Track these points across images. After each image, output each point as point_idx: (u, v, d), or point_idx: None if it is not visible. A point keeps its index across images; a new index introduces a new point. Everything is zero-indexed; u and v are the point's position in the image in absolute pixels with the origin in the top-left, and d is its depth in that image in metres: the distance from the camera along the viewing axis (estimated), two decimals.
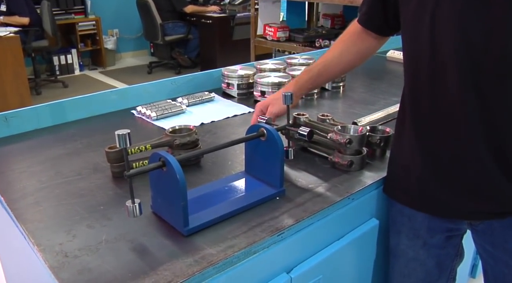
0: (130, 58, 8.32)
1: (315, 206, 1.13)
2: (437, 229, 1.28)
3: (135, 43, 8.36)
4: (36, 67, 6.46)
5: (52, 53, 6.95)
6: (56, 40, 6.34)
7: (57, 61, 7.14)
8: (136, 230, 1.03)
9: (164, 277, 0.87)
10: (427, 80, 1.10)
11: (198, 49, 7.45)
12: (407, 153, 1.22)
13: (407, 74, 1.19)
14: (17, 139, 1.56)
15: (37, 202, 1.16)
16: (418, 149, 1.18)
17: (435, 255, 1.32)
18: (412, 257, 1.33)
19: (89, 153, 1.44)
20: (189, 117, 1.75)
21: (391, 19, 1.28)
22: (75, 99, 1.71)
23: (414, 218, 1.28)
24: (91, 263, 0.92)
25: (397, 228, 1.34)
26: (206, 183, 1.24)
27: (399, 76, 2.43)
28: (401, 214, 1.31)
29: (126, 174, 0.91)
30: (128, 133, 0.90)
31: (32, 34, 6.05)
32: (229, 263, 0.94)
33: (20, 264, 1.35)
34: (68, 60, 7.28)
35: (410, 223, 1.29)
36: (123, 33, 8.10)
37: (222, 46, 7.05)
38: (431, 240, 1.29)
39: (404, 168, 1.24)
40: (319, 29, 4.53)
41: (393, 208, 1.34)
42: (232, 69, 2.04)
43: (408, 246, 1.33)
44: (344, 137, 1.28)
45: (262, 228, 1.03)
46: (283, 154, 1.15)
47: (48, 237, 1.01)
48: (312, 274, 1.15)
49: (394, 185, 1.30)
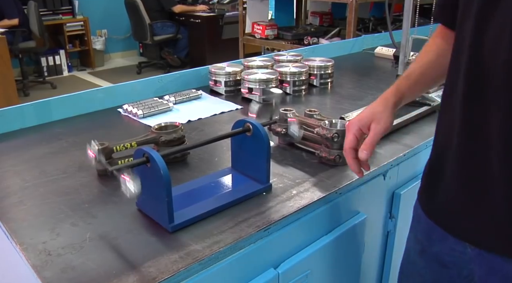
0: (119, 59, 8.29)
1: (302, 200, 1.12)
2: (437, 240, 1.12)
3: (124, 43, 8.33)
4: (24, 68, 6.43)
5: (40, 54, 6.92)
6: (43, 41, 6.31)
7: (45, 62, 7.11)
8: (121, 227, 1.02)
9: (149, 274, 0.86)
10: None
11: (187, 48, 7.45)
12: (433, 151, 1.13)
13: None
14: (2, 138, 1.54)
15: (21, 201, 1.14)
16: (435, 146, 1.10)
17: (434, 272, 1.16)
18: (412, 260, 1.22)
19: (75, 151, 1.42)
20: (176, 114, 1.74)
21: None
22: (61, 98, 1.69)
23: (420, 220, 1.16)
24: (74, 261, 0.91)
25: (411, 224, 1.23)
26: (192, 180, 1.23)
27: (387, 72, 2.45)
28: (416, 212, 1.20)
29: (109, 169, 0.90)
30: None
31: (19, 35, 6.02)
32: (215, 259, 0.94)
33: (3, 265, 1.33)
34: (56, 61, 7.25)
35: (418, 225, 1.19)
36: (111, 34, 8.08)
37: (211, 45, 7.06)
38: (430, 249, 1.14)
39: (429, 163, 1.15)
40: (307, 26, 4.54)
41: (415, 203, 1.22)
42: (219, 66, 2.03)
43: (411, 246, 1.22)
44: (331, 132, 1.27)
45: (249, 223, 1.03)
46: (269, 149, 1.14)
47: (31, 235, 1.00)
48: (299, 269, 1.14)
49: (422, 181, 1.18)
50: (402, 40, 1.75)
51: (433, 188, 1.10)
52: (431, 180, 1.12)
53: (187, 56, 7.49)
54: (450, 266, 1.12)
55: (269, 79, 1.88)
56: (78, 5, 7.38)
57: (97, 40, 7.69)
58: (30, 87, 6.44)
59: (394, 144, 1.47)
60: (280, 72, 1.97)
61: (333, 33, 4.27)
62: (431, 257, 1.15)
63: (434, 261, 1.15)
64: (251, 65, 2.08)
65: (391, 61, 2.62)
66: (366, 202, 1.35)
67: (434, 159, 1.12)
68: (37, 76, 7.06)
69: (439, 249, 1.12)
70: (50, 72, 7.16)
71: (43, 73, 7.06)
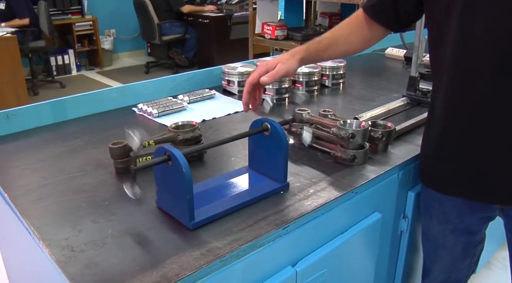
0: (127, 58, 8.31)
1: (319, 199, 1.13)
2: (468, 214, 1.32)
3: (132, 43, 8.34)
4: (33, 68, 6.44)
5: (49, 53, 6.93)
6: (53, 40, 6.33)
7: (54, 62, 7.12)
8: (142, 225, 1.03)
9: (172, 270, 0.88)
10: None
11: (195, 49, 7.44)
12: (438, 139, 1.27)
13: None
14: (18, 136, 1.56)
15: (41, 198, 1.16)
16: (451, 133, 1.22)
17: (463, 241, 1.38)
18: (441, 243, 1.39)
19: (91, 150, 1.44)
20: (191, 114, 1.75)
21: (402, 15, 1.32)
22: (76, 97, 1.71)
23: (445, 203, 1.33)
24: (97, 257, 0.92)
25: (429, 213, 1.39)
26: (209, 178, 1.24)
27: (398, 73, 2.45)
28: (433, 199, 1.36)
29: (133, 167, 0.91)
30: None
31: (29, 34, 6.03)
32: (235, 256, 0.95)
33: (24, 261, 1.35)
34: (65, 60, 7.26)
35: (441, 208, 1.34)
36: (120, 33, 8.09)
37: (219, 46, 7.05)
38: (461, 225, 1.34)
39: (435, 153, 1.29)
40: (317, 27, 4.54)
41: (425, 193, 1.40)
42: (233, 66, 2.04)
43: (438, 231, 1.39)
44: (347, 132, 1.28)
45: (267, 221, 1.04)
46: (287, 148, 1.15)
47: (53, 232, 1.01)
48: (317, 268, 1.16)
49: (425, 171, 1.36)
50: (415, 41, 1.75)
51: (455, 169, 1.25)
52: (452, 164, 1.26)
53: (195, 56, 7.49)
54: (476, 232, 1.37)
55: (282, 80, 1.88)
56: (87, 5, 7.39)
57: (105, 40, 7.70)
58: (39, 86, 6.46)
59: (407, 145, 1.48)
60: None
61: None
62: (461, 231, 1.35)
63: (464, 233, 1.36)
64: None
65: (402, 62, 2.62)
66: (381, 201, 1.36)
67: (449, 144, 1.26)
68: (46, 76, 7.07)
69: (469, 221, 1.33)
70: (59, 72, 7.17)
71: (52, 72, 7.07)
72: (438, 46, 1.20)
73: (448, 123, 1.23)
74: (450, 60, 1.15)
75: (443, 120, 1.24)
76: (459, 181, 1.26)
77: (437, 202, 1.35)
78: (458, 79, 1.15)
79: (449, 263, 1.42)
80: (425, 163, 1.36)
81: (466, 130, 1.19)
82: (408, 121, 1.59)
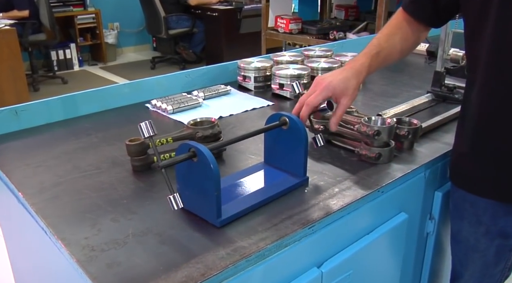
0: (132, 53, 8.35)
1: (345, 198, 1.15)
2: (502, 216, 1.31)
3: (137, 37, 8.38)
4: (33, 62, 6.47)
5: (50, 47, 6.97)
6: (54, 33, 6.35)
7: (55, 56, 7.17)
8: (164, 224, 1.05)
9: (197, 270, 0.90)
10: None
11: (203, 43, 7.47)
12: (470, 138, 1.28)
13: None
14: (28, 133, 1.58)
15: (57, 197, 1.18)
16: (487, 132, 1.23)
17: (496, 245, 1.36)
18: (473, 246, 1.38)
19: (106, 147, 1.46)
20: (207, 110, 1.78)
21: (441, 10, 1.34)
22: (87, 92, 1.73)
23: (477, 204, 1.33)
24: (119, 256, 0.95)
25: (460, 214, 1.39)
26: (227, 175, 1.26)
27: (420, 68, 2.46)
28: (463, 200, 1.36)
29: (160, 164, 0.93)
30: (150, 121, 0.96)
31: (29, 27, 6.05)
32: (261, 256, 0.97)
33: (36, 263, 1.37)
34: (67, 55, 7.31)
35: (473, 209, 1.34)
36: (124, 27, 8.13)
37: (228, 40, 7.07)
38: (494, 227, 1.33)
39: (469, 152, 1.30)
40: (332, 20, 4.55)
41: (455, 194, 1.40)
42: (248, 61, 2.06)
43: (470, 233, 1.38)
44: (372, 129, 1.30)
45: (293, 220, 1.06)
46: (307, 141, 1.17)
47: (71, 231, 1.04)
48: (342, 269, 1.17)
49: (456, 170, 1.37)
50: (441, 34, 1.76)
51: (490, 169, 1.26)
52: (487, 164, 1.27)
53: (203, 51, 7.52)
54: (511, 236, 1.34)
55: (301, 75, 1.90)
56: None
57: (109, 34, 7.74)
58: (40, 82, 6.50)
59: (434, 143, 1.50)
60: (311, 68, 2.00)
61: (360, 28, 4.28)
62: (495, 234, 1.34)
63: (498, 236, 1.34)
64: (280, 60, 2.11)
65: (424, 56, 2.63)
66: (407, 201, 1.38)
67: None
68: (46, 71, 7.12)
69: (504, 223, 1.32)
70: (60, 67, 7.22)
71: (53, 67, 7.12)
72: (474, 39, 1.21)
73: (484, 121, 1.23)
74: (487, 54, 1.16)
75: (479, 117, 1.24)
76: (495, 182, 1.26)
77: (468, 203, 1.35)
78: (496, 73, 1.16)
79: (480, 267, 1.41)
80: (457, 162, 1.36)
81: (504, 128, 1.20)
82: (434, 118, 1.60)
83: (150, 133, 0.97)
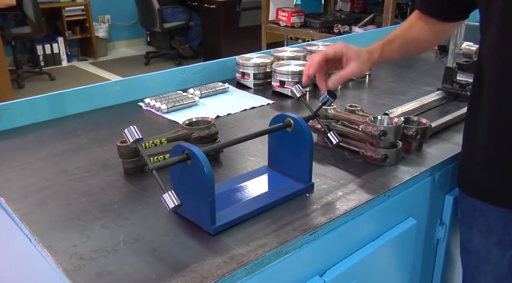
0: (124, 48, 8.35)
1: (349, 203, 1.16)
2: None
3: (129, 30, 8.39)
4: (17, 57, 6.45)
5: (36, 41, 6.95)
6: (39, 26, 6.32)
7: (41, 51, 7.16)
8: (157, 230, 1.06)
9: (192, 279, 0.90)
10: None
11: (200, 37, 7.48)
12: (482, 140, 1.26)
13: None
14: (12, 134, 1.59)
15: (43, 202, 1.18)
16: (498, 134, 1.22)
17: (510, 256, 1.32)
18: (484, 257, 1.36)
19: (96, 148, 1.47)
20: (203, 109, 1.78)
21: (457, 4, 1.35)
22: (75, 90, 1.74)
23: (487, 212, 1.31)
24: (109, 265, 0.95)
25: (469, 222, 1.37)
26: (227, 179, 1.27)
27: (430, 64, 2.47)
28: (472, 208, 1.34)
29: (150, 166, 0.94)
30: (134, 126, 0.99)
31: (12, 18, 5.99)
32: (260, 264, 0.97)
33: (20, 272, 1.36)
34: (54, 49, 7.30)
35: (483, 218, 1.32)
36: (116, 20, 8.13)
37: (227, 34, 7.08)
38: (507, 237, 1.30)
39: (478, 157, 1.28)
40: (337, 13, 4.56)
41: (464, 200, 1.38)
42: (247, 57, 2.06)
43: (481, 243, 1.36)
44: (378, 129, 1.30)
45: (293, 226, 1.06)
46: (312, 144, 1.17)
47: (58, 238, 1.04)
48: (346, 278, 1.18)
49: (465, 176, 1.35)
50: None
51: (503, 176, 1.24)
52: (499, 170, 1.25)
53: (200, 45, 7.52)
54: None
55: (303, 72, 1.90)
56: None
57: (99, 27, 7.74)
58: (24, 78, 6.49)
59: (444, 143, 1.50)
60: None
61: (366, 20, 4.29)
62: (508, 245, 1.31)
63: (511, 247, 1.31)
64: (281, 56, 2.11)
65: (435, 51, 2.63)
66: (415, 206, 1.38)
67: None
68: (32, 66, 7.11)
69: None
70: (47, 62, 7.22)
71: (39, 62, 7.11)
72: (483, 33, 1.21)
73: (495, 123, 1.22)
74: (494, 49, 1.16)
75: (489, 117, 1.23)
76: (508, 190, 1.25)
77: (478, 211, 1.33)
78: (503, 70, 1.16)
79: (494, 280, 1.38)
80: (465, 167, 1.35)
81: None
82: (444, 117, 1.60)
83: (136, 137, 0.98)
